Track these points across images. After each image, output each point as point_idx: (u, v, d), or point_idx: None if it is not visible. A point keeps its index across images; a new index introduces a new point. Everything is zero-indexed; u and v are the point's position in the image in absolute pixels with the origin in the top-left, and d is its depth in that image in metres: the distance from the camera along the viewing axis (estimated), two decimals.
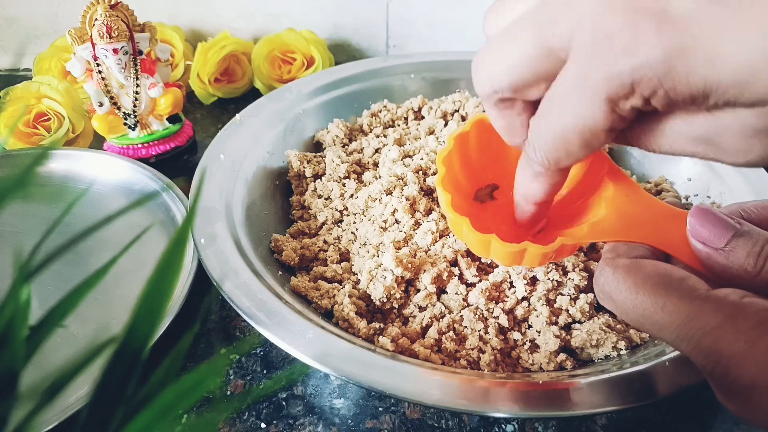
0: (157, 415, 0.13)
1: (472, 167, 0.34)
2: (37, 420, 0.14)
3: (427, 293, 0.35)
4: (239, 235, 0.38)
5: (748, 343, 0.21)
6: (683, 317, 0.23)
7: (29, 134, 0.51)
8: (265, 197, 0.44)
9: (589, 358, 0.33)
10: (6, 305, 0.13)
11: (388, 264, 0.35)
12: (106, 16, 0.45)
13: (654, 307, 0.24)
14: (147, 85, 0.50)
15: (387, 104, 0.52)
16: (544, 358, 0.32)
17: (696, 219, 0.27)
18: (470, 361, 0.32)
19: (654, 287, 0.24)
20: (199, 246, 0.36)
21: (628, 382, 0.29)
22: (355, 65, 0.56)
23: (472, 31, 0.68)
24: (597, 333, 0.32)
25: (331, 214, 0.42)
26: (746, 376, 0.20)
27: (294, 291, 0.36)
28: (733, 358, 0.21)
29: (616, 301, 0.26)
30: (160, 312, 0.14)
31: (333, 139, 0.49)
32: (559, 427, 0.33)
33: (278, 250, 0.40)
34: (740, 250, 0.25)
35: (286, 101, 0.50)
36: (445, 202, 0.30)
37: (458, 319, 0.34)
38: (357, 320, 0.34)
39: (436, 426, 0.33)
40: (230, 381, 0.35)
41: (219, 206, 0.39)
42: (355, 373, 0.29)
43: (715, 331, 0.22)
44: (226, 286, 0.33)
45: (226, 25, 0.67)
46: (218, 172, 0.42)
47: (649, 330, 0.24)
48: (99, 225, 0.14)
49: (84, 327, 0.36)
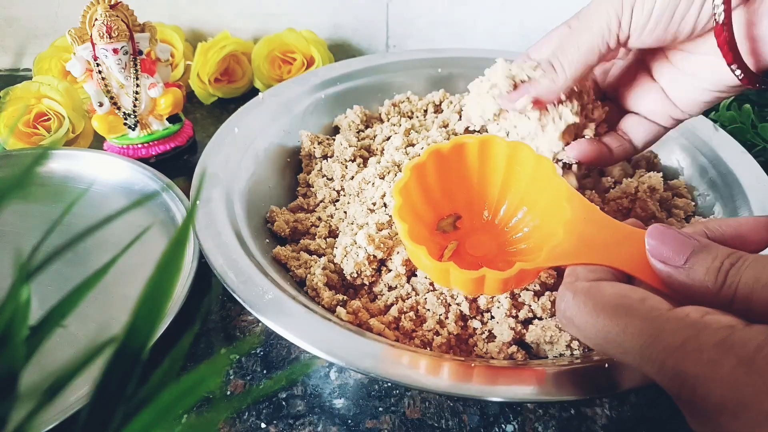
0: (157, 415, 0.13)
1: (432, 197, 0.34)
2: (37, 420, 0.14)
3: (396, 273, 0.36)
4: (235, 202, 0.39)
5: (711, 362, 0.20)
6: (645, 338, 0.22)
7: (29, 134, 0.51)
8: (274, 172, 0.46)
9: (544, 354, 0.33)
10: (6, 305, 0.13)
11: (361, 241, 0.36)
12: (106, 16, 0.45)
13: (616, 329, 0.23)
14: (147, 85, 0.50)
15: (410, 96, 0.53)
16: (495, 348, 0.32)
17: (654, 238, 0.26)
18: (424, 341, 0.33)
19: (614, 309, 0.24)
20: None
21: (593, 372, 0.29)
22: (383, 56, 0.57)
23: (472, 30, 0.68)
24: (552, 330, 0.32)
25: (329, 193, 0.43)
26: (713, 396, 0.20)
27: (275, 258, 0.38)
28: (698, 378, 0.20)
29: (578, 326, 0.25)
30: (160, 312, 0.14)
31: (349, 124, 0.50)
32: (559, 427, 0.33)
33: (272, 220, 0.41)
34: (700, 267, 0.24)
35: (310, 85, 0.52)
36: (402, 232, 0.30)
37: (422, 302, 0.35)
38: (324, 290, 0.35)
39: (436, 426, 0.33)
40: (230, 381, 0.35)
41: (222, 174, 0.41)
42: (299, 332, 0.30)
43: (677, 351, 0.21)
44: (207, 244, 0.35)
45: (226, 25, 0.67)
46: (230, 143, 0.44)
47: (613, 353, 0.24)
48: (99, 225, 0.14)
49: (84, 327, 0.36)
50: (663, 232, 0.26)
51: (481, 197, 0.35)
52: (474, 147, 0.33)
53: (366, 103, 0.53)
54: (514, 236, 0.34)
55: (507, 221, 0.35)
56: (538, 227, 0.33)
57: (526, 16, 0.66)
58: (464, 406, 0.34)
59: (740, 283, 0.23)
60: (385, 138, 0.48)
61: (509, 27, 0.67)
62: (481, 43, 0.68)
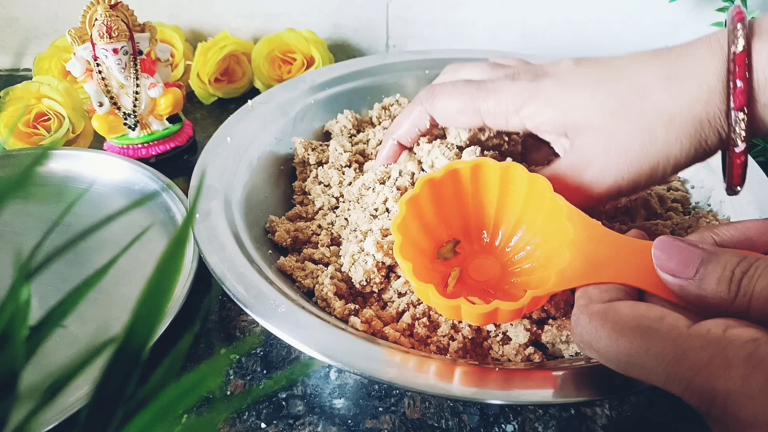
0: (157, 415, 0.13)
1: (429, 227, 0.34)
2: (37, 420, 0.14)
3: (406, 279, 0.35)
4: (234, 213, 0.39)
5: (742, 378, 0.20)
6: (669, 358, 0.22)
7: (29, 134, 0.51)
8: (268, 181, 0.45)
9: (560, 354, 0.33)
10: (6, 305, 0.13)
11: (369, 249, 0.35)
12: (106, 16, 0.45)
13: (638, 352, 0.23)
14: (147, 85, 0.50)
15: (399, 98, 0.53)
16: (512, 350, 0.32)
17: (661, 251, 0.26)
18: (440, 347, 0.33)
19: (633, 332, 0.23)
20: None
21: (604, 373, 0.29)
22: (371, 59, 0.56)
23: (472, 31, 0.68)
24: (567, 329, 0.32)
25: (327, 200, 0.43)
26: (745, 412, 0.20)
27: (280, 270, 0.37)
28: (729, 395, 0.20)
29: (597, 350, 0.25)
30: (160, 312, 0.14)
31: (341, 129, 0.49)
32: (559, 427, 0.33)
33: (272, 230, 0.41)
34: (711, 277, 0.24)
35: (299, 90, 0.51)
36: (407, 272, 0.30)
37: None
38: (334, 300, 0.34)
39: (436, 426, 0.33)
40: (230, 381, 0.35)
41: (219, 185, 0.40)
42: (319, 346, 0.30)
43: (704, 369, 0.21)
44: (212, 259, 0.34)
45: (226, 25, 0.67)
46: (223, 153, 0.43)
47: (636, 375, 0.24)
48: (99, 225, 0.14)
49: (84, 327, 0.36)
50: (669, 243, 0.26)
51: (479, 220, 0.35)
52: (467, 171, 0.33)
53: (356, 107, 0.52)
54: (517, 256, 0.34)
55: (507, 241, 0.35)
56: (540, 245, 0.33)
57: (527, 15, 0.66)
58: (464, 406, 0.34)
59: (755, 291, 0.23)
60: (378, 142, 0.47)
61: (510, 27, 0.68)
62: (481, 43, 0.68)
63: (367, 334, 0.33)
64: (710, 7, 0.60)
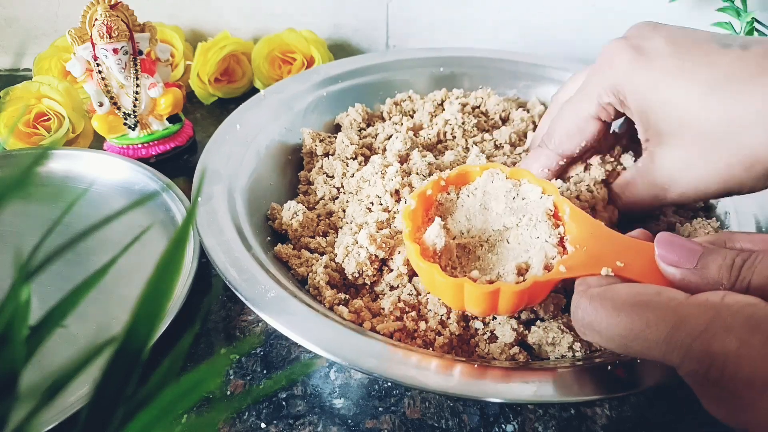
0: (157, 415, 0.13)
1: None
2: (37, 420, 0.14)
3: (398, 273, 0.36)
4: (237, 199, 0.39)
5: (740, 340, 0.20)
6: (670, 326, 0.22)
7: (29, 134, 0.51)
8: (275, 169, 0.46)
9: (546, 355, 0.33)
10: (6, 305, 0.13)
11: (362, 241, 0.36)
12: (106, 16, 0.45)
13: (639, 324, 0.23)
14: (147, 85, 0.50)
15: (411, 95, 0.53)
16: (497, 349, 0.32)
17: (663, 246, 0.27)
18: (426, 341, 0.33)
19: (632, 307, 0.24)
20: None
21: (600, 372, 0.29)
22: (385, 54, 0.57)
23: (472, 30, 0.68)
24: (554, 331, 0.32)
25: (329, 190, 0.43)
26: (742, 373, 0.20)
27: (276, 256, 0.38)
28: (727, 356, 0.21)
29: (599, 331, 0.25)
30: (160, 312, 0.14)
31: (351, 122, 0.50)
32: (558, 427, 0.33)
33: (273, 218, 0.41)
34: (712, 265, 0.25)
35: (312, 82, 0.52)
36: (414, 253, 0.31)
37: (424, 302, 0.35)
38: (326, 289, 0.35)
39: (436, 426, 0.33)
40: (230, 381, 0.35)
41: (224, 171, 0.41)
42: (301, 331, 0.30)
43: (704, 333, 0.21)
44: (209, 242, 0.35)
45: (226, 25, 0.67)
46: (231, 139, 0.44)
47: (637, 351, 0.24)
48: (99, 225, 0.14)
49: (84, 327, 0.36)
50: (671, 239, 0.27)
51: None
52: (477, 175, 0.35)
53: (368, 101, 0.53)
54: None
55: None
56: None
57: (527, 15, 0.66)
58: (464, 406, 0.34)
59: (754, 277, 0.24)
60: (387, 137, 0.48)
61: (510, 27, 0.68)
62: (481, 43, 0.68)
63: (355, 324, 0.33)
64: (710, 7, 0.59)
